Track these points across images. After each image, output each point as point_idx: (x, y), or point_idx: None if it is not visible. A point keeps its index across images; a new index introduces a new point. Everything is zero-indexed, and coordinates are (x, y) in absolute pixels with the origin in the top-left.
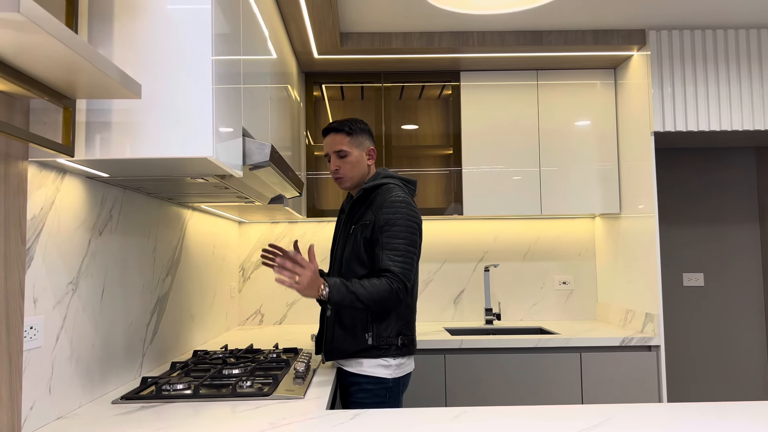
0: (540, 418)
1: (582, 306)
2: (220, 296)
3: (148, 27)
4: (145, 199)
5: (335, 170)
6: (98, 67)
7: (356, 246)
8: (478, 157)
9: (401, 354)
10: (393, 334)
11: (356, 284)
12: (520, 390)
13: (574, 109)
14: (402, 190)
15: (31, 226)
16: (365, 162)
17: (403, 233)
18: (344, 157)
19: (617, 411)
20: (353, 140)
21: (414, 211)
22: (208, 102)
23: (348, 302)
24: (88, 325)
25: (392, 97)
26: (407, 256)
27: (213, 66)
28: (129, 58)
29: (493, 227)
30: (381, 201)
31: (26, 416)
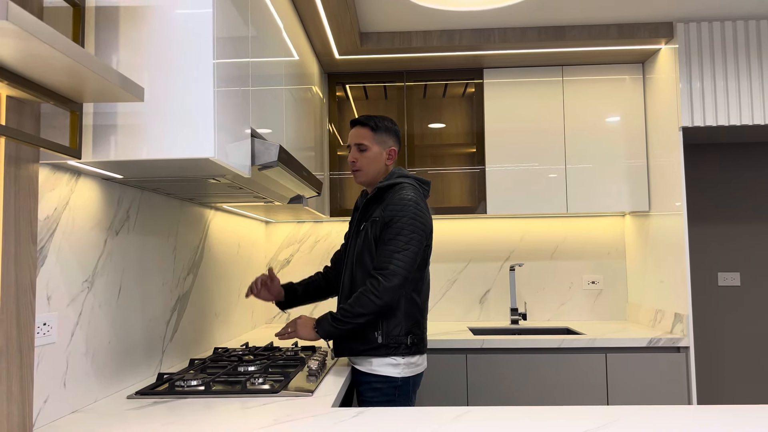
0: (542, 419)
1: (611, 306)
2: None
3: (151, 32)
4: (165, 200)
5: (352, 161)
6: (96, 72)
7: (367, 243)
8: (503, 156)
9: (411, 353)
10: (402, 333)
11: (341, 311)
12: (543, 391)
13: (601, 105)
14: (414, 190)
15: (44, 226)
16: (384, 161)
17: (405, 230)
18: (364, 150)
19: (623, 413)
20: (376, 137)
21: (421, 211)
22: (210, 104)
23: (340, 332)
24: (103, 322)
25: (416, 96)
26: (405, 253)
27: (215, 69)
28: (134, 62)
29: (519, 226)
30: (390, 200)
31: (40, 409)
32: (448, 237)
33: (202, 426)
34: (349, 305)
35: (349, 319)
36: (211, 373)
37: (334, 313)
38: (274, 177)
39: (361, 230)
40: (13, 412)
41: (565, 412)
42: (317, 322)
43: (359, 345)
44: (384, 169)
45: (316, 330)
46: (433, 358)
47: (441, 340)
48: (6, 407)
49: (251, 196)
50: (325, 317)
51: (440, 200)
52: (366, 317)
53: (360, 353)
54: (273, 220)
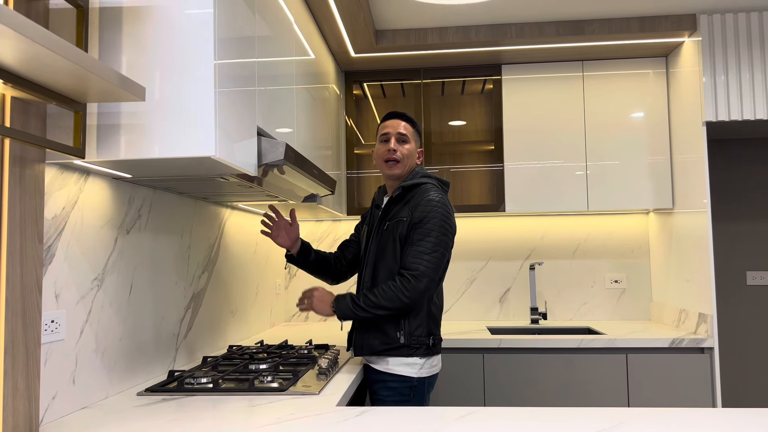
0: (547, 419)
1: (635, 306)
2: (263, 293)
3: (153, 32)
4: (178, 199)
5: (392, 150)
6: (94, 72)
7: (389, 242)
8: (522, 153)
9: (430, 353)
10: (424, 334)
11: (363, 297)
12: (561, 392)
13: (624, 100)
14: (439, 191)
15: (52, 225)
16: (416, 158)
17: (435, 232)
18: (404, 142)
19: (635, 415)
20: (415, 133)
21: (449, 213)
22: (211, 103)
23: (355, 316)
24: (114, 320)
25: (433, 93)
26: (434, 255)
27: (216, 69)
28: (136, 62)
29: (539, 224)
30: (419, 200)
31: (48, 405)
32: (467, 235)
33: (205, 423)
34: (374, 295)
35: (371, 309)
36: (223, 370)
37: (356, 297)
38: (284, 175)
39: (385, 229)
40: (18, 407)
41: (573, 413)
42: (336, 299)
43: (380, 344)
44: (413, 168)
45: (333, 308)
46: (449, 358)
47: (458, 339)
48: (12, 403)
49: (264, 194)
50: (345, 298)
51: (459, 198)
52: (387, 311)
53: (380, 353)
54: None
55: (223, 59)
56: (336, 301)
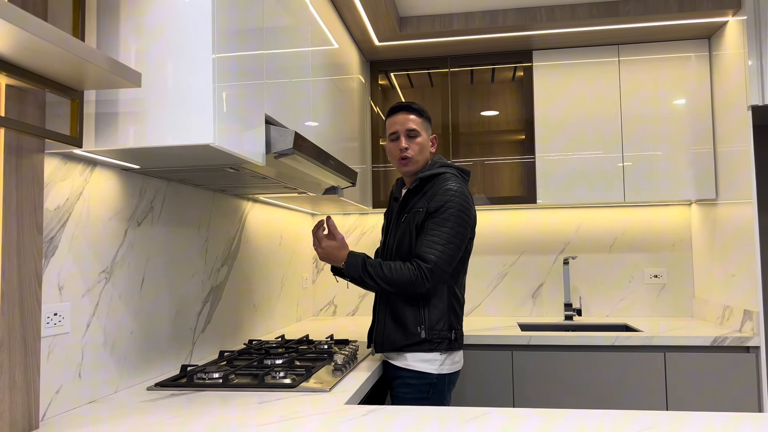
0: (563, 423)
1: (676, 302)
2: (289, 287)
3: (152, 18)
4: (194, 191)
5: (404, 149)
6: (85, 58)
7: (407, 234)
8: (553, 143)
9: (452, 348)
10: (446, 328)
11: (377, 266)
12: (594, 392)
13: (663, 85)
14: (458, 181)
15: (55, 216)
16: (429, 148)
17: (451, 222)
18: (415, 137)
19: (661, 419)
20: (424, 123)
21: (467, 202)
22: (209, 91)
23: (360, 279)
24: (125, 313)
25: (462, 82)
26: (448, 246)
27: (214, 55)
28: (135, 48)
29: (574, 217)
30: (436, 190)
31: (51, 399)
32: (498, 228)
33: (206, 421)
34: (387, 268)
35: (378, 279)
36: (237, 365)
37: (369, 260)
38: (294, 165)
39: (402, 222)
40: (16, 401)
41: (592, 415)
42: (349, 254)
43: (401, 339)
44: (429, 157)
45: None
46: (476, 354)
47: (485, 336)
48: (8, 397)
49: (280, 186)
50: (358, 257)
51: (489, 190)
52: (392, 289)
53: (401, 348)
54: (319, 213)
55: (223, 48)
56: (349, 255)
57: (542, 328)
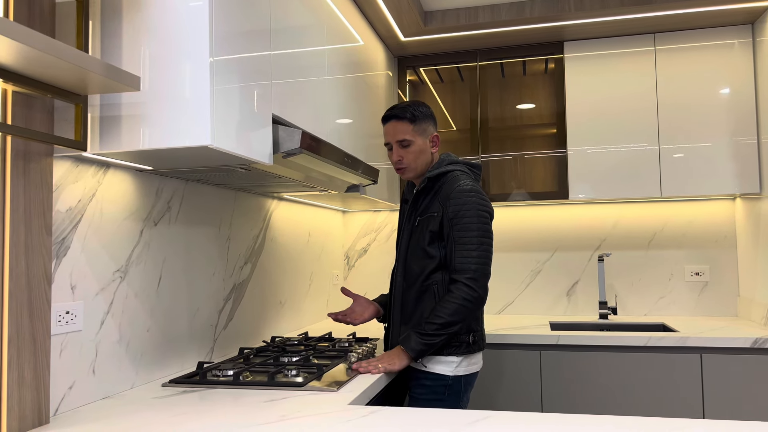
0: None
1: (719, 300)
2: (318, 284)
3: (152, 22)
4: (215, 190)
5: (398, 161)
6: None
7: (422, 239)
8: (586, 136)
9: (471, 351)
10: (464, 331)
11: (427, 325)
12: (626, 395)
13: (703, 74)
14: (469, 178)
15: (66, 217)
16: (429, 150)
17: (475, 224)
18: (407, 146)
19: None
20: (417, 128)
21: (484, 200)
22: (206, 93)
23: (429, 346)
24: (141, 311)
25: (492, 75)
26: (481, 249)
27: (211, 59)
28: (136, 52)
29: (611, 212)
30: (448, 191)
31: (64, 395)
32: (531, 224)
33: (207, 418)
34: (437, 317)
35: (441, 332)
36: (254, 363)
37: (420, 330)
38: (306, 164)
39: (416, 225)
40: (25, 397)
41: (601, 421)
42: (402, 343)
43: None
44: (431, 159)
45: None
46: (503, 354)
47: (513, 335)
48: (17, 393)
49: (299, 185)
50: (411, 337)
51: (520, 185)
52: (457, 326)
53: None
54: (350, 210)
55: (222, 50)
56: (404, 345)
57: (575, 328)
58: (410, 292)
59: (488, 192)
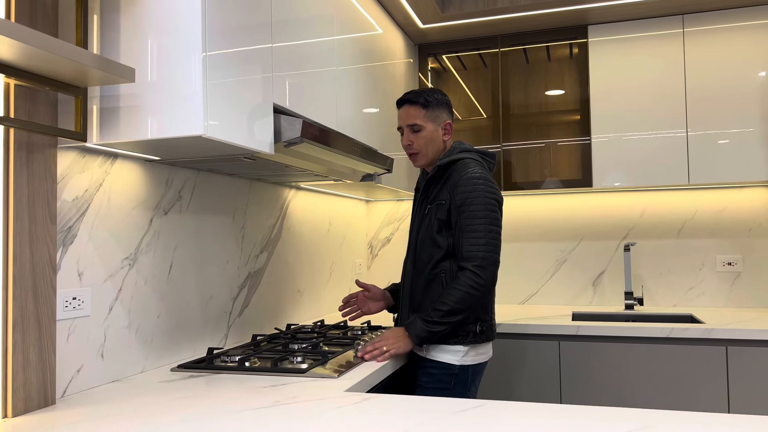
0: (555, 417)
1: (752, 292)
2: (339, 272)
3: (149, 15)
4: (228, 180)
5: (408, 145)
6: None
7: (430, 227)
8: (611, 123)
9: (478, 341)
10: (471, 321)
11: (432, 309)
12: (647, 387)
13: (735, 57)
14: (479, 166)
15: (73, 206)
16: (441, 137)
17: (483, 212)
18: (418, 131)
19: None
20: (429, 113)
21: (492, 187)
22: (199, 83)
23: (434, 333)
24: (151, 298)
25: (516, 61)
26: (489, 236)
27: (205, 53)
28: (133, 44)
29: (639, 200)
30: (456, 178)
31: (72, 377)
32: (556, 213)
33: (205, 402)
34: (442, 304)
35: (446, 319)
36: (263, 349)
37: (425, 316)
38: (311, 153)
39: (426, 214)
40: (31, 379)
41: (592, 413)
42: (407, 328)
43: None
44: (443, 147)
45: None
46: (523, 344)
47: (531, 325)
48: (23, 375)
49: (310, 174)
50: (416, 322)
51: (541, 174)
52: (463, 314)
53: None
54: (372, 199)
55: (217, 42)
56: (408, 330)
57: (598, 318)
58: (419, 280)
59: (512, 180)
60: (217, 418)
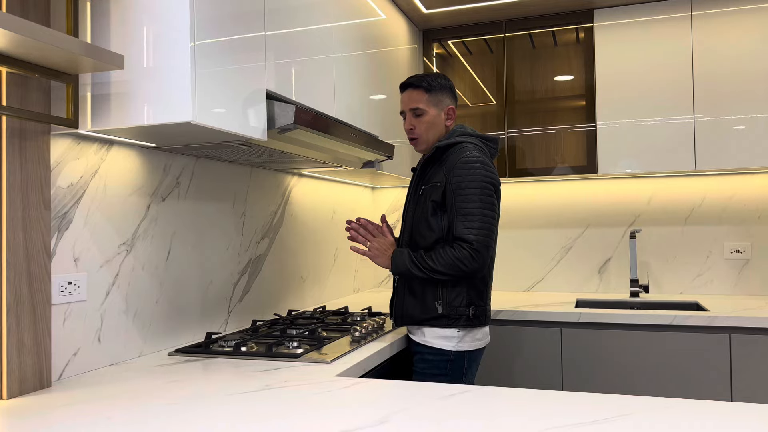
0: (535, 402)
1: (762, 279)
2: (344, 258)
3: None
4: (228, 167)
5: (410, 129)
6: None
7: (425, 209)
8: (617, 108)
9: (471, 325)
10: (464, 304)
11: (419, 257)
12: (649, 375)
13: (744, 40)
14: (478, 150)
15: (68, 193)
16: (443, 123)
17: (478, 195)
18: (420, 115)
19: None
20: (432, 98)
21: (489, 171)
22: (187, 70)
23: (411, 274)
24: (149, 283)
25: (521, 46)
26: (484, 220)
27: (193, 39)
28: (123, 31)
29: (646, 186)
30: (453, 161)
31: (68, 360)
32: (561, 200)
33: (196, 385)
34: (431, 259)
35: (427, 271)
36: (260, 334)
37: (414, 255)
38: (306, 140)
39: (420, 195)
40: (26, 362)
41: (572, 399)
42: (393, 253)
43: (420, 314)
44: (444, 132)
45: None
46: (525, 331)
47: (534, 312)
48: (17, 358)
49: (309, 161)
50: (404, 253)
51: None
52: (444, 276)
53: (419, 323)
54: (379, 186)
55: (207, 30)
56: (393, 255)
57: (603, 305)
58: None
59: (517, 167)
60: (206, 402)
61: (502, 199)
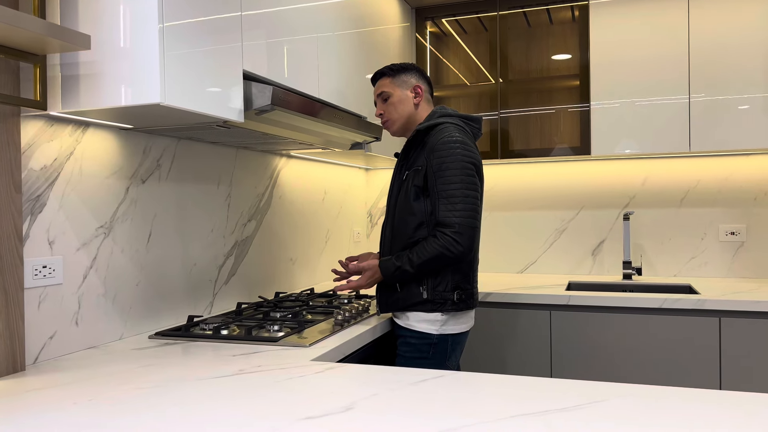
0: (507, 388)
1: (756, 262)
2: (336, 241)
3: None
4: (212, 148)
5: (380, 114)
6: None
7: (408, 193)
8: (611, 89)
9: (457, 309)
10: (449, 289)
11: (403, 256)
12: (637, 359)
13: (738, 21)
14: (459, 130)
15: (41, 175)
16: (411, 100)
17: (459, 176)
18: (387, 99)
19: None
20: (395, 80)
21: (469, 151)
22: (155, 51)
23: (402, 275)
24: (128, 266)
25: (517, 24)
26: (466, 201)
27: (161, 21)
28: (92, 11)
29: (641, 168)
30: (433, 143)
31: (44, 344)
32: (555, 182)
33: (170, 369)
34: (414, 254)
35: (413, 267)
36: (243, 317)
37: (395, 258)
38: (286, 121)
39: (404, 180)
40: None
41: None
42: (379, 266)
43: (404, 299)
44: (414, 109)
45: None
46: (514, 314)
47: (524, 294)
48: None
49: (294, 143)
50: (388, 262)
51: (540, 141)
52: (432, 268)
53: (404, 308)
54: (372, 167)
55: (177, 11)
56: (380, 268)
57: (595, 288)
58: (397, 246)
59: (510, 148)
60: (175, 386)
61: (493, 180)
